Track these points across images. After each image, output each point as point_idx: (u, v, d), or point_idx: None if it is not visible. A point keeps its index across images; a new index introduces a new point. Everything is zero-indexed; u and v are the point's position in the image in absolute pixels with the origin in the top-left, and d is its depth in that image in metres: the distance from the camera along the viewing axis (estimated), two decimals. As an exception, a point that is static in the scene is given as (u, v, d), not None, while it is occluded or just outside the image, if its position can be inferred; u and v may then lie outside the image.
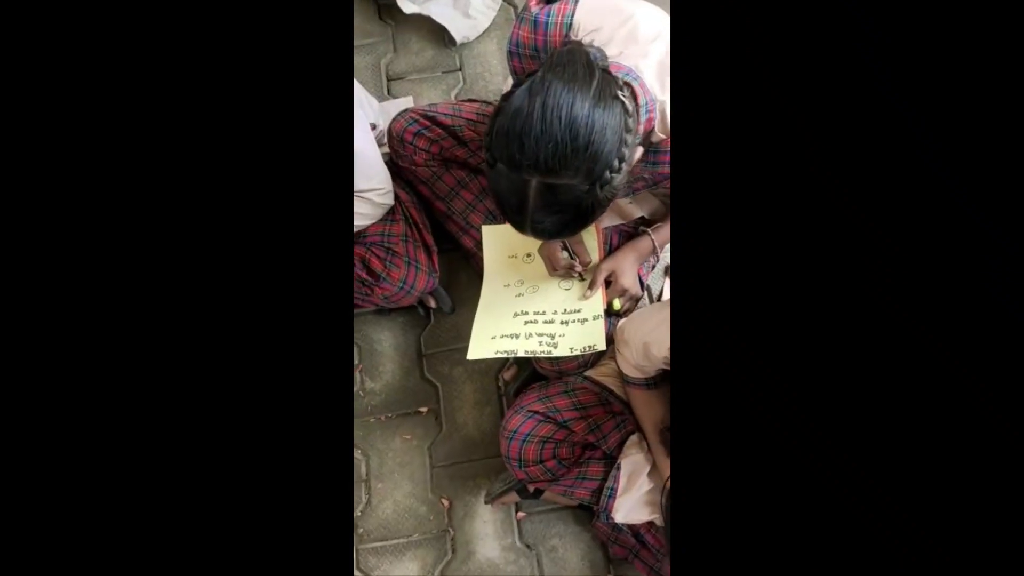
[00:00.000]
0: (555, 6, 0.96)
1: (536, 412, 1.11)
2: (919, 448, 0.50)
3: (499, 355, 1.14)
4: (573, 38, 0.95)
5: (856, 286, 0.51)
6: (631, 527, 1.16)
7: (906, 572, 0.49)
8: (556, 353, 1.13)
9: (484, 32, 1.68)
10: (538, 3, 0.98)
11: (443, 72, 1.66)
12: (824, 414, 0.51)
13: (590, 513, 1.24)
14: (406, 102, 1.62)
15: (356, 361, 1.42)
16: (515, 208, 0.85)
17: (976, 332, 0.49)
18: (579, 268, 1.20)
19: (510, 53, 1.01)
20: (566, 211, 0.83)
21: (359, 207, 1.21)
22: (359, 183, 1.17)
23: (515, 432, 1.10)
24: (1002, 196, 0.49)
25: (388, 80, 1.66)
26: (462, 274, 1.46)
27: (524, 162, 0.79)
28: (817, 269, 0.51)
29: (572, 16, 0.95)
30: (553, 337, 1.15)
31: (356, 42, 1.69)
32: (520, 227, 0.88)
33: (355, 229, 1.24)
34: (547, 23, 0.96)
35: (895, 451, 0.50)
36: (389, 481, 1.33)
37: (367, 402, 1.39)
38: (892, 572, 0.50)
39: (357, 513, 1.31)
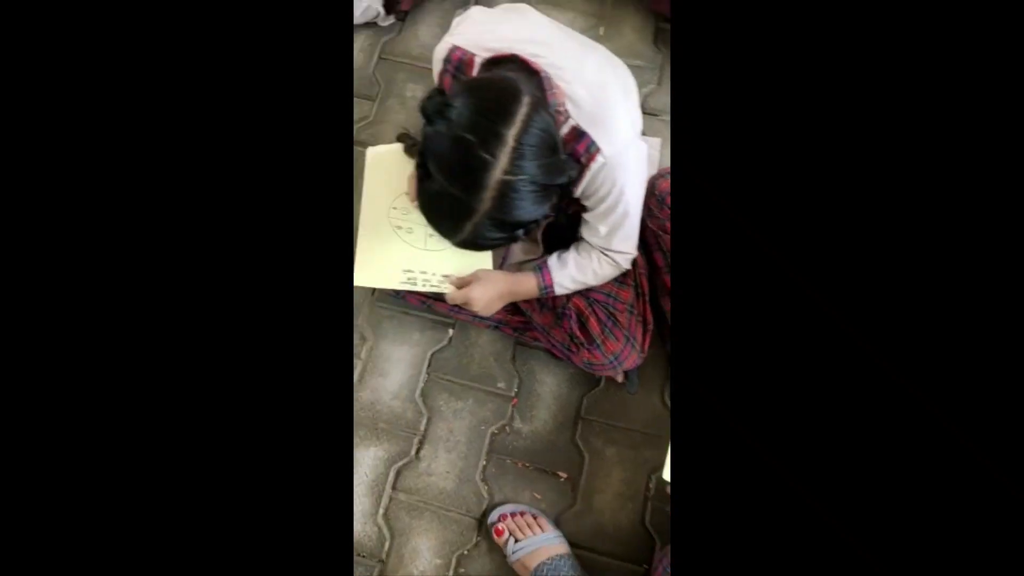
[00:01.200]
0: None
1: None
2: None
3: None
4: None
5: (857, 286, 0.50)
6: None
7: None
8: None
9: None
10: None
11: (701, 126, 1.53)
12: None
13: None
14: (655, 144, 1.50)
15: (513, 393, 1.34)
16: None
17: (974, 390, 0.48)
18: None
19: None
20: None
21: (603, 268, 1.10)
22: (617, 244, 1.06)
23: None
24: (1003, 197, 0.47)
25: (644, 114, 1.53)
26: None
27: None
28: (819, 271, 0.50)
29: None
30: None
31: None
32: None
33: (585, 288, 1.14)
34: None
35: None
36: (506, 534, 1.25)
37: (510, 441, 1.31)
38: None
39: (463, 552, 1.24)
